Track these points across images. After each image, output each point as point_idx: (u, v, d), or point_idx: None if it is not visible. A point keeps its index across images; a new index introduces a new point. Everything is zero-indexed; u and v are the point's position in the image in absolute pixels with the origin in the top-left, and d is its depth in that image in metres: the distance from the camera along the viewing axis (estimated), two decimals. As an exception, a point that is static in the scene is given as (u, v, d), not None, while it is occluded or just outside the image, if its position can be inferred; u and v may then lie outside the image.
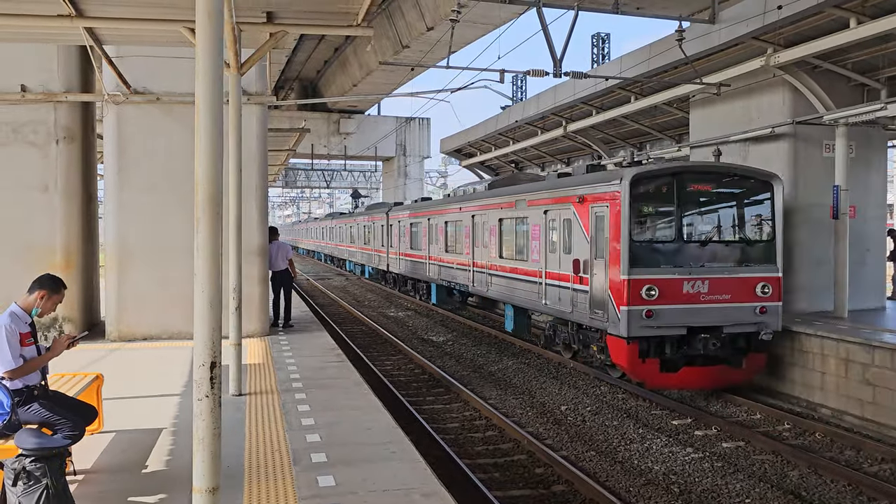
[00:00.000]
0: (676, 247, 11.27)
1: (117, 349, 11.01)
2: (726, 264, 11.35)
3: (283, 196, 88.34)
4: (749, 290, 11.13)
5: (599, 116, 18.31)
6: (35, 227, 11.56)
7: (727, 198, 11.95)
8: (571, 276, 12.39)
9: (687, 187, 11.36)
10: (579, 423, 10.33)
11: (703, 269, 11.08)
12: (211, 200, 3.54)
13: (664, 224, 11.71)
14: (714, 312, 10.96)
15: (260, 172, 12.20)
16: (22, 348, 4.85)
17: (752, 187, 11.80)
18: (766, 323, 11.11)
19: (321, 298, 27.58)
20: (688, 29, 13.24)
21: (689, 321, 10.86)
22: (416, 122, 43.58)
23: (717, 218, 12.00)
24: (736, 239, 11.74)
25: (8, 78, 11.33)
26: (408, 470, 5.56)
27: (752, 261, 11.50)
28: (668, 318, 10.80)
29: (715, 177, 11.74)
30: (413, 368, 14.11)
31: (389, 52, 26.80)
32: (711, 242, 11.51)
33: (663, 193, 11.36)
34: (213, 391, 3.55)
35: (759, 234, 11.75)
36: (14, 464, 4.24)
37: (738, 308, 11.06)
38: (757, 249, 11.62)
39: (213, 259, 3.55)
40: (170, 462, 5.75)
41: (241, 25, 7.64)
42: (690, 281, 10.92)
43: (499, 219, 16.29)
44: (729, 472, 8.34)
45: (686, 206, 11.49)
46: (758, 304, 11.13)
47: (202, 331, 3.53)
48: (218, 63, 3.56)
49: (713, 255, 11.37)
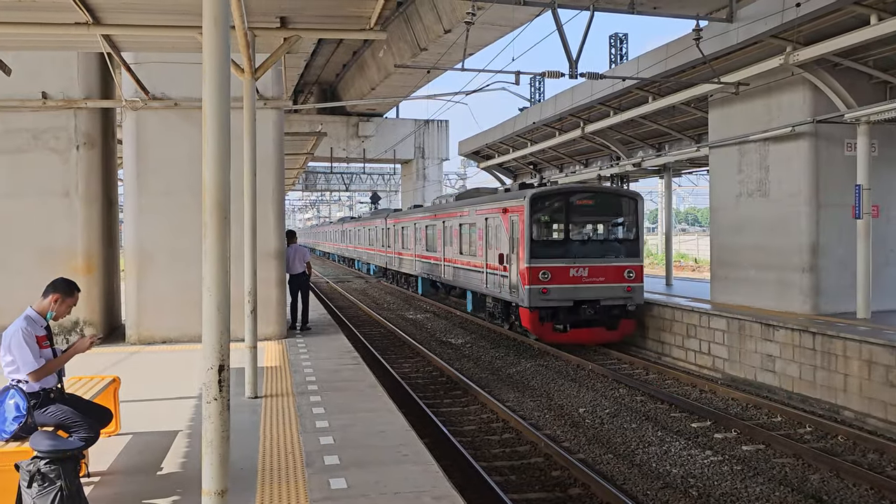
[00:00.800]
0: (564, 244, 15.70)
1: (136, 352, 11.14)
2: (601, 256, 15.61)
3: (304, 199, 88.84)
4: (619, 274, 15.44)
5: (617, 117, 18.22)
6: (56, 232, 11.72)
7: (602, 210, 16.38)
8: (499, 266, 16.72)
9: (573, 202, 15.99)
10: (597, 425, 10.28)
11: (584, 259, 15.40)
12: (218, 205, 3.56)
13: (556, 228, 16.20)
14: (592, 290, 15.27)
15: (276, 176, 12.27)
16: (39, 351, 4.91)
17: (621, 203, 16.23)
18: (631, 298, 15.43)
19: (340, 301, 27.68)
20: (705, 28, 13.15)
21: (574, 296, 15.24)
22: (435, 124, 43.63)
23: (595, 224, 16.49)
24: (609, 238, 16.32)
25: (29, 85, 11.49)
26: (420, 472, 5.56)
27: (621, 254, 15.77)
28: (559, 294, 15.17)
29: (592, 195, 16.78)
30: (431, 371, 14.12)
31: (407, 55, 26.89)
32: (590, 241, 16.03)
33: (555, 207, 15.96)
34: (221, 394, 3.57)
35: (627, 235, 16.14)
36: (29, 465, 4.29)
37: (611, 287, 15.34)
38: (625, 246, 15.93)
39: (220, 263, 3.57)
40: (184, 464, 5.80)
41: (254, 30, 7.70)
42: (574, 268, 15.31)
43: (459, 224, 20.49)
44: (749, 475, 8.25)
45: (571, 215, 15.99)
46: (625, 284, 15.40)
47: (210, 334, 3.56)
48: (224, 69, 3.59)
49: (592, 250, 15.70)
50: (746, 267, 14.58)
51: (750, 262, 14.50)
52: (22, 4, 6.91)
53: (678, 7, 14.45)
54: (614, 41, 22.19)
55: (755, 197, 14.37)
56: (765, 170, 14.08)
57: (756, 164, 14.31)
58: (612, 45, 22.18)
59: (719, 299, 15.32)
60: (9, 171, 11.59)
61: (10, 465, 4.43)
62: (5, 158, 11.58)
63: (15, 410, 4.80)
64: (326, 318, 15.65)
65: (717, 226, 15.83)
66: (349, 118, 41.82)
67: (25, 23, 7.39)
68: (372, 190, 56.19)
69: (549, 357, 15.30)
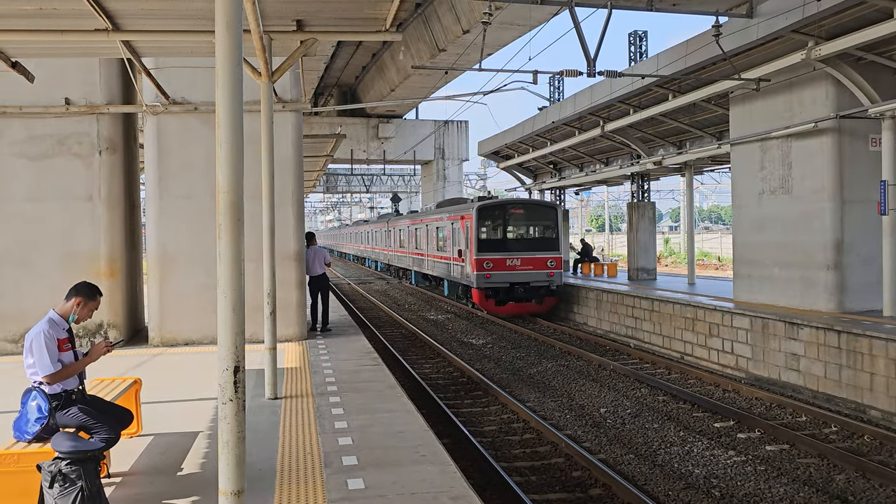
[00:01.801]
0: (502, 241, 21.57)
1: (159, 354, 11.26)
2: (529, 250, 21.15)
3: (325, 201, 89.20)
4: (543, 263, 20.92)
5: (637, 115, 18.10)
6: (80, 236, 11.87)
7: (530, 217, 22.39)
8: (459, 259, 22.42)
9: (508, 211, 22.07)
10: (618, 425, 10.22)
11: (516, 252, 21.08)
12: (232, 207, 3.59)
13: (497, 230, 21.81)
14: (523, 275, 20.75)
15: (296, 178, 12.35)
16: (60, 353, 4.98)
17: (544, 211, 22.39)
18: (553, 280, 20.89)
19: (361, 302, 27.78)
20: (725, 24, 13.02)
21: (509, 280, 20.74)
22: (454, 125, 43.63)
23: (525, 227, 22.42)
24: (535, 237, 22.03)
25: (52, 92, 11.67)
26: (437, 473, 5.56)
27: (544, 248, 21.25)
28: (498, 278, 20.73)
29: (523, 206, 23.04)
30: (451, 371, 14.12)
31: (426, 56, 26.91)
32: (521, 239, 22.03)
33: (496, 215, 21.80)
34: (237, 395, 3.60)
35: (549, 235, 21.70)
36: (51, 466, 4.36)
37: (537, 273, 20.82)
38: (547, 242, 21.48)
39: (234, 265, 3.60)
40: (204, 465, 5.85)
41: (270, 34, 7.75)
42: (510, 259, 20.90)
43: (437, 227, 25.98)
44: (772, 475, 8.15)
45: (508, 221, 21.98)
46: (547, 270, 20.88)
47: (225, 335, 3.59)
48: (237, 73, 3.62)
49: (522, 246, 21.50)
50: (770, 265, 14.42)
51: (773, 259, 14.33)
52: (43, 12, 7.01)
53: (697, 3, 14.32)
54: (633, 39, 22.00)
55: (778, 194, 14.20)
56: (787, 166, 13.91)
57: (778, 161, 14.14)
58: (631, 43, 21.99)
59: (742, 298, 15.16)
60: (33, 176, 11.76)
61: (33, 466, 4.50)
62: (30, 164, 11.76)
63: (37, 412, 4.87)
64: (347, 319, 15.71)
65: (740, 224, 15.66)
66: (369, 120, 41.96)
67: (47, 30, 7.49)
68: (392, 191, 56.29)
69: (570, 357, 15.24)
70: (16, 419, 4.96)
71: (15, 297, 11.51)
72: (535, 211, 22.39)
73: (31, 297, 11.17)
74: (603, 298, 19.27)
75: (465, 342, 17.61)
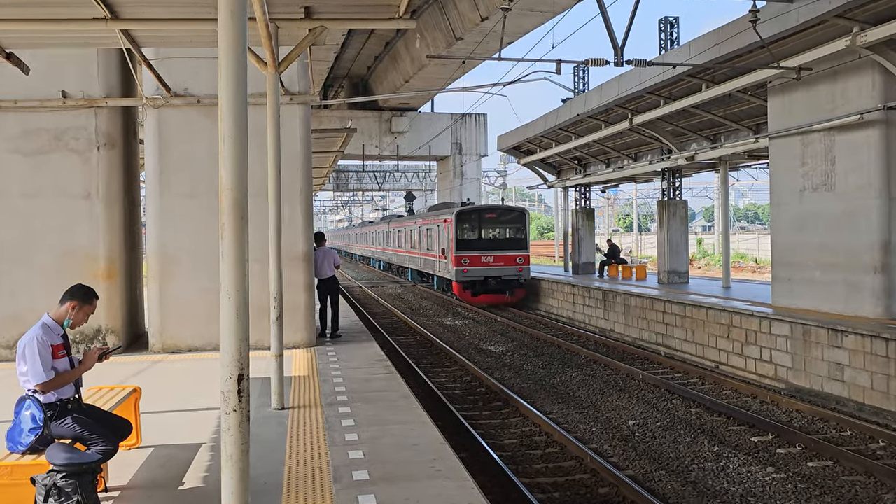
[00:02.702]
0: (478, 241, 26.78)
1: (159, 361, 11.33)
2: (501, 249, 26.58)
3: (335, 199, 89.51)
4: (512, 260, 26.20)
5: (668, 107, 17.98)
6: (77, 235, 11.95)
7: (502, 220, 27.80)
8: (442, 256, 27.77)
9: (483, 215, 27.54)
10: (648, 439, 10.16)
11: (490, 251, 26.38)
12: (236, 205, 3.60)
13: (473, 232, 27.01)
14: (495, 270, 26.02)
15: (304, 175, 12.36)
16: (54, 360, 5.00)
17: (514, 215, 28.30)
18: (521, 275, 26.17)
19: (374, 307, 27.86)
20: (762, 9, 12.90)
21: (484, 274, 25.94)
22: (472, 118, 43.62)
23: (497, 228, 27.63)
24: (506, 238, 27.26)
25: (49, 84, 11.76)
26: (454, 488, 5.55)
27: (514, 247, 26.61)
28: (474, 272, 25.93)
29: (497, 210, 28.57)
30: (469, 381, 14.11)
31: (442, 45, 26.95)
32: (494, 239, 27.24)
33: (472, 218, 27.29)
34: (240, 405, 3.60)
35: (518, 236, 27.12)
36: (45, 479, 4.39)
37: (508, 268, 26.10)
38: (516, 242, 26.87)
39: (238, 265, 3.60)
40: (207, 479, 5.86)
41: (276, 22, 7.77)
42: (484, 256, 26.14)
43: (427, 228, 31.28)
44: (815, 493, 8.07)
45: (483, 224, 27.32)
46: (516, 266, 26.14)
47: (228, 341, 3.59)
48: (242, 63, 3.62)
49: (495, 245, 26.88)
50: (811, 267, 14.26)
51: (815, 262, 14.17)
52: (38, 1, 7.08)
53: (733, -14, 14.21)
54: (664, 25, 21.81)
55: (820, 191, 14.05)
56: (830, 161, 13.76)
57: (821, 156, 14.00)
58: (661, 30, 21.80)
59: (781, 303, 15.02)
60: (29, 172, 11.86)
61: (27, 479, 4.53)
62: (25, 159, 11.86)
63: (31, 422, 4.89)
64: (358, 324, 15.74)
65: (779, 223, 15.51)
66: (382, 113, 42.04)
67: (42, 19, 7.55)
68: (406, 189, 56.33)
69: (596, 366, 15.19)
70: (9, 429, 4.99)
71: (9, 299, 11.62)
72: (506, 215, 28.21)
73: (25, 300, 11.28)
74: (631, 303, 19.18)
75: (483, 349, 17.60)
